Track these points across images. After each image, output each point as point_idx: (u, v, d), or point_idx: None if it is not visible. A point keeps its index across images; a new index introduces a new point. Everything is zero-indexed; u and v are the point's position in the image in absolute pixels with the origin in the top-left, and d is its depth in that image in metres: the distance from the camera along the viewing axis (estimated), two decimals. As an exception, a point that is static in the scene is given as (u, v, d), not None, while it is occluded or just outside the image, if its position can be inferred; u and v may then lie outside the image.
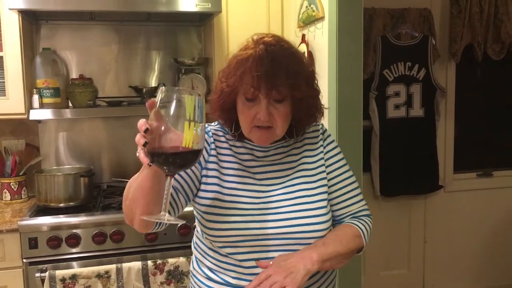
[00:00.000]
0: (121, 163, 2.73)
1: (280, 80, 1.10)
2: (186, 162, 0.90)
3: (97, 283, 2.01)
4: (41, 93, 2.38)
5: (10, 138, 2.60)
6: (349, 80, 2.06)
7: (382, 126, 3.08)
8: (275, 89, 1.11)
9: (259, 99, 1.13)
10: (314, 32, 2.22)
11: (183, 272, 2.10)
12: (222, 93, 1.18)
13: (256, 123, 1.15)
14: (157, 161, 0.89)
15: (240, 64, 1.13)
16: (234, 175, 1.22)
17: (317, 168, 1.26)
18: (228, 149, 1.25)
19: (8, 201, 2.45)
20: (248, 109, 1.15)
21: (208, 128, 1.27)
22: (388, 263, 3.29)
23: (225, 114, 1.22)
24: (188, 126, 0.85)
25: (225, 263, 1.20)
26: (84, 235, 2.09)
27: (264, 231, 1.16)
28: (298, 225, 1.17)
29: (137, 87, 2.66)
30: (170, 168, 0.90)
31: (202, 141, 0.89)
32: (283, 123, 1.17)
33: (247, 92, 1.13)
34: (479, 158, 3.49)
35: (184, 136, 0.85)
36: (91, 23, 2.64)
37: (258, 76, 1.09)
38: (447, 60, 3.23)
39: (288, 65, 1.12)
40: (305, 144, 1.29)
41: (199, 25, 2.78)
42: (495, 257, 3.45)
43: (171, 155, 0.86)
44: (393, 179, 3.13)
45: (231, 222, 1.16)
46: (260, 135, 1.17)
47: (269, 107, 1.13)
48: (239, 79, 1.12)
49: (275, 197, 1.20)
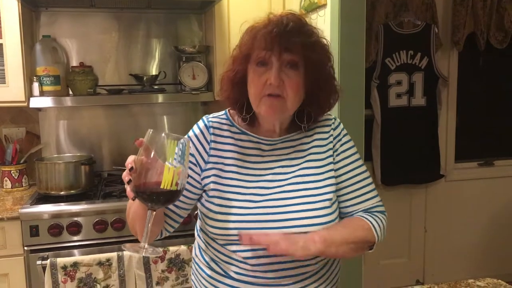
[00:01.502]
0: (122, 151, 2.73)
1: (294, 40, 1.08)
2: (166, 200, 0.95)
3: (98, 271, 2.02)
4: (41, 80, 2.37)
5: (10, 126, 2.59)
6: (351, 69, 2.04)
7: (384, 115, 3.07)
8: (288, 50, 1.08)
9: (271, 64, 1.10)
10: (316, 20, 2.20)
11: (184, 260, 2.10)
12: (235, 61, 1.15)
13: (266, 91, 1.11)
14: (140, 197, 0.94)
15: (254, 30, 1.12)
16: (235, 172, 1.18)
17: (325, 166, 1.21)
18: (231, 144, 1.21)
19: (9, 189, 2.45)
20: (258, 76, 1.11)
21: (210, 122, 1.23)
22: (388, 252, 3.30)
23: (235, 89, 1.17)
24: (167, 169, 0.90)
25: (228, 257, 1.18)
26: (85, 223, 2.09)
27: (267, 230, 1.12)
28: (301, 225, 1.13)
29: (138, 75, 2.64)
30: (152, 205, 0.95)
31: (182, 182, 0.93)
32: (294, 94, 1.12)
33: (259, 54, 1.10)
34: (480, 147, 3.48)
35: (163, 178, 0.90)
36: (91, 10, 2.62)
37: (271, 36, 1.07)
38: (450, 49, 3.21)
39: (303, 28, 1.11)
40: (314, 140, 1.24)
41: (200, 13, 2.76)
42: (496, 247, 3.46)
43: (152, 193, 0.92)
44: (394, 169, 3.13)
45: (233, 221, 1.13)
46: (269, 103, 1.11)
47: (281, 73, 1.10)
48: (252, 42, 1.11)
49: (277, 195, 1.16)
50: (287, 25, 1.09)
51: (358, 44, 2.05)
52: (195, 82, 2.55)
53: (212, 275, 1.23)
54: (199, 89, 2.54)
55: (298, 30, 1.09)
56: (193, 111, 2.82)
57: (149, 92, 2.58)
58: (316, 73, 1.14)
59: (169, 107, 2.79)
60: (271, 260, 1.14)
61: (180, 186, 0.92)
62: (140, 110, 2.75)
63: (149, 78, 2.62)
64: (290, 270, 1.15)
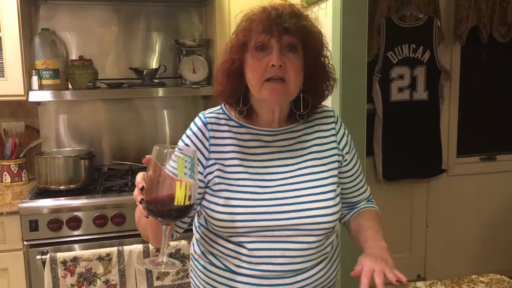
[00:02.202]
0: (122, 146, 2.72)
1: (292, 23, 1.09)
2: (179, 215, 0.95)
3: (98, 266, 2.01)
4: (41, 74, 2.35)
5: (9, 120, 2.58)
6: (353, 62, 2.02)
7: (386, 110, 3.06)
8: (287, 32, 1.09)
9: (270, 48, 1.10)
10: (317, 13, 2.18)
11: (184, 255, 2.10)
12: (231, 49, 1.15)
13: (268, 74, 1.10)
14: (153, 214, 0.93)
15: (250, 18, 1.13)
16: (238, 165, 1.18)
17: (329, 157, 1.22)
18: (230, 138, 1.20)
19: (9, 183, 2.44)
20: (258, 61, 1.11)
21: (207, 118, 1.22)
22: (389, 247, 3.27)
23: (231, 81, 1.17)
24: (179, 186, 0.89)
25: (231, 250, 1.17)
26: (85, 218, 2.08)
27: (272, 222, 1.13)
28: (306, 216, 1.14)
29: (138, 69, 2.63)
30: (165, 220, 0.94)
31: (194, 196, 0.93)
32: (295, 77, 1.12)
33: (258, 38, 1.10)
34: (482, 142, 3.46)
35: (176, 195, 0.89)
36: (90, 3, 2.60)
37: (268, 19, 1.08)
38: (452, 43, 3.19)
39: (298, 13, 1.13)
40: (316, 131, 1.24)
41: (201, 6, 2.74)
42: (497, 241, 3.45)
43: (165, 210, 0.91)
44: (395, 163, 3.11)
45: (239, 213, 1.13)
46: (272, 87, 1.11)
47: (282, 56, 1.10)
48: (250, 28, 1.11)
49: (282, 187, 1.16)
50: (284, 10, 1.11)
51: (360, 38, 2.03)
52: (196, 76, 2.53)
53: (213, 270, 1.22)
54: (199, 83, 2.53)
55: (295, 14, 1.12)
56: (193, 105, 2.80)
57: (149, 86, 2.56)
58: (314, 57, 1.15)
59: (169, 101, 2.77)
60: (276, 253, 1.14)
61: (193, 200, 0.92)
62: (140, 104, 2.73)
63: (149, 72, 2.60)
64: (293, 265, 1.15)
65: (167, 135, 2.80)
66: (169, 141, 2.79)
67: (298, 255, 1.15)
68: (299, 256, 1.15)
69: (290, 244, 1.15)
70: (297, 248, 1.15)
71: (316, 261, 1.19)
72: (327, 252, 1.23)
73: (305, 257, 1.16)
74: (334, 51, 2.04)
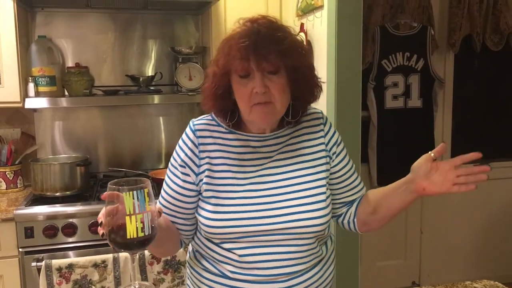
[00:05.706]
0: (118, 153, 2.72)
1: (269, 49, 1.08)
2: (141, 245, 0.96)
3: (93, 273, 2.01)
4: (37, 81, 2.36)
5: (5, 127, 2.57)
6: (347, 70, 2.04)
7: (380, 117, 3.07)
8: (265, 59, 1.08)
9: (253, 74, 1.10)
10: (313, 21, 2.20)
11: (180, 262, 2.09)
12: (214, 76, 1.16)
13: (254, 100, 1.11)
14: (115, 246, 0.96)
15: (228, 42, 1.12)
16: (227, 171, 1.19)
17: (318, 160, 1.23)
18: (219, 144, 1.21)
19: (4, 190, 2.43)
20: (243, 87, 1.12)
21: (196, 126, 1.23)
22: (384, 254, 3.30)
23: (219, 102, 1.18)
24: (129, 221, 0.91)
25: (223, 256, 1.19)
26: (81, 225, 2.08)
27: (262, 227, 1.14)
28: (295, 220, 1.15)
29: (134, 76, 2.64)
30: (128, 251, 0.98)
31: (149, 225, 0.94)
32: (281, 97, 1.13)
33: (238, 67, 1.10)
34: (476, 149, 3.47)
35: (127, 229, 0.91)
36: (87, 10, 2.61)
37: (245, 46, 1.07)
38: (446, 51, 3.22)
39: (275, 34, 1.10)
40: (304, 134, 1.25)
41: (197, 14, 2.76)
42: (491, 248, 3.46)
43: (122, 244, 0.94)
44: (390, 170, 3.11)
45: (228, 219, 1.14)
46: (260, 111, 1.12)
47: (264, 79, 1.10)
48: (228, 55, 1.10)
49: (271, 191, 1.17)
50: (259, 33, 1.09)
51: (354, 46, 2.05)
52: (192, 83, 2.54)
53: (208, 276, 1.23)
54: (195, 90, 2.54)
55: (270, 37, 1.09)
56: (189, 112, 2.81)
57: (145, 93, 2.57)
58: (298, 73, 1.15)
59: (165, 108, 2.78)
60: (267, 258, 1.15)
61: (149, 230, 0.94)
62: (136, 111, 2.74)
63: (145, 79, 2.61)
64: (285, 269, 1.16)
65: (163, 142, 2.80)
66: (164, 148, 2.80)
67: (289, 258, 1.16)
68: (290, 259, 1.16)
69: (280, 248, 1.16)
70: (287, 252, 1.16)
71: (309, 264, 1.19)
72: (320, 256, 1.23)
73: (296, 260, 1.17)
74: (329, 59, 2.06)
